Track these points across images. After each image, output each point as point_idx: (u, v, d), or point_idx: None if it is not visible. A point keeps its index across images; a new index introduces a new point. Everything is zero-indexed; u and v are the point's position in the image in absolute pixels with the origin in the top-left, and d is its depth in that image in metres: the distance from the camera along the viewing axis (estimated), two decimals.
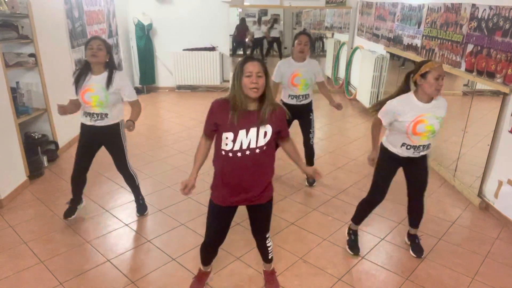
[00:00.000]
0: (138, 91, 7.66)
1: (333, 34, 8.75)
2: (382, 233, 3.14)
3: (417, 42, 4.89)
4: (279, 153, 4.76)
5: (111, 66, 2.90)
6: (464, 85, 4.43)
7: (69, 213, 3.23)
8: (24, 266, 2.67)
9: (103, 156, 3.19)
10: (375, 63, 6.00)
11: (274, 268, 2.53)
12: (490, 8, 3.43)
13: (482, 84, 3.60)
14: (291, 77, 3.53)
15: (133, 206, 3.46)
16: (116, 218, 3.30)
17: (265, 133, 1.97)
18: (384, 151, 2.66)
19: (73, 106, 2.97)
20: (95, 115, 2.91)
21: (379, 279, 2.61)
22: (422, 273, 2.66)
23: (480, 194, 3.59)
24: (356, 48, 7.27)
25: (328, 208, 3.50)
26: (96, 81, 2.85)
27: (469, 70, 3.77)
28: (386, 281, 2.59)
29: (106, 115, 2.93)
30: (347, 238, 2.96)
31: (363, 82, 6.63)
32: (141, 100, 7.34)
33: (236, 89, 1.91)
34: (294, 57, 3.57)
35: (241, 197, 2.06)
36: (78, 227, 3.16)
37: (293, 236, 3.08)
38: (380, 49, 6.10)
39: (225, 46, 7.71)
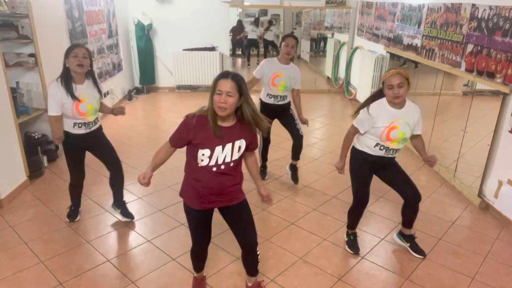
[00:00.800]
0: (138, 91, 7.68)
1: (333, 34, 8.75)
2: (382, 233, 3.14)
3: (417, 42, 4.89)
4: (279, 153, 4.76)
5: (91, 73, 2.93)
6: (464, 85, 4.43)
7: (73, 215, 3.25)
8: (24, 266, 2.67)
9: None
10: (375, 63, 6.01)
11: (261, 280, 2.47)
12: (490, 8, 3.43)
13: (482, 84, 3.60)
14: (273, 76, 3.58)
15: (133, 206, 3.46)
16: (116, 218, 3.30)
17: (239, 148, 1.99)
18: (356, 154, 2.70)
19: (59, 123, 2.85)
20: (91, 124, 2.94)
21: (379, 279, 2.61)
22: (422, 273, 2.66)
23: (480, 194, 3.59)
24: (356, 48, 7.27)
25: (328, 208, 3.50)
26: (83, 90, 2.83)
27: (469, 70, 3.78)
28: (386, 281, 2.60)
29: (97, 119, 3.02)
30: (346, 239, 2.96)
31: (363, 82, 6.63)
32: (141, 100, 7.33)
33: (209, 105, 1.91)
34: (280, 58, 3.61)
35: (213, 204, 2.08)
36: (78, 227, 3.16)
37: (293, 236, 3.08)
38: (380, 49, 6.11)
39: (225, 46, 7.70)
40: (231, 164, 2.00)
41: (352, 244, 2.91)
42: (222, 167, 1.98)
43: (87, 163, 4.41)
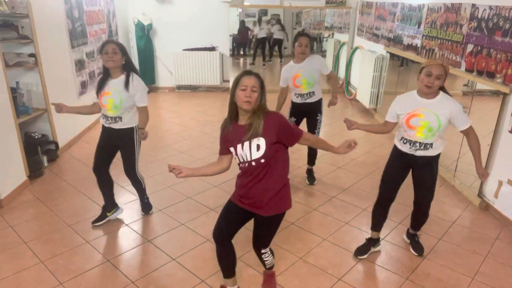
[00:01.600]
0: None
1: (333, 34, 8.75)
2: (382, 233, 3.12)
3: (417, 42, 4.89)
4: None
5: (128, 68, 2.90)
6: (464, 85, 4.42)
7: (97, 219, 3.19)
8: (24, 266, 2.67)
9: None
10: (375, 63, 6.00)
11: (275, 271, 2.52)
12: (490, 8, 3.43)
13: (482, 84, 3.60)
14: (293, 79, 3.62)
15: (133, 206, 3.46)
16: (116, 218, 3.30)
17: (258, 146, 1.97)
18: (393, 148, 2.69)
19: (86, 108, 3.10)
20: (109, 118, 2.94)
21: (379, 279, 2.61)
22: (422, 273, 2.66)
23: (480, 194, 3.59)
24: (356, 48, 7.27)
25: (328, 208, 3.50)
26: (113, 85, 2.86)
27: (469, 70, 3.77)
28: (386, 281, 2.59)
29: (120, 118, 2.93)
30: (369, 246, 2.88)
31: (363, 82, 6.63)
32: None
33: (230, 102, 2.01)
34: (296, 59, 3.64)
35: (246, 202, 2.10)
36: (78, 227, 3.16)
37: (293, 236, 3.08)
38: (380, 49, 6.10)
39: (225, 46, 7.70)
40: (253, 163, 2.00)
41: (363, 248, 2.84)
42: (246, 165, 2.03)
43: (86, 162, 4.42)
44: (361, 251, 2.84)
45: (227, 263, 2.26)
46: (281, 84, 3.72)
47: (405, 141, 2.52)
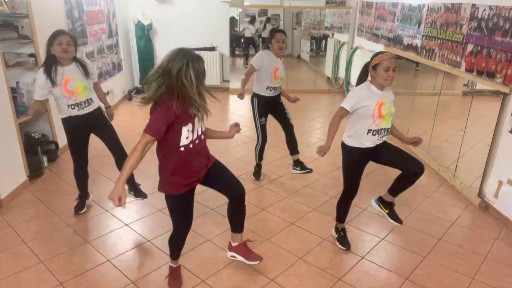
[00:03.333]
0: (138, 91, 7.67)
1: (333, 34, 8.75)
2: (382, 233, 3.14)
3: (417, 42, 4.89)
4: (279, 153, 4.76)
5: (77, 59, 2.98)
6: (464, 85, 4.43)
7: (79, 208, 3.31)
8: (24, 266, 2.67)
9: (103, 156, 3.20)
10: None
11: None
12: (490, 8, 3.43)
13: (482, 84, 3.60)
14: (274, 70, 3.64)
15: (133, 206, 3.46)
16: (116, 218, 3.30)
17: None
18: (348, 151, 2.73)
19: (40, 104, 2.95)
20: (83, 103, 2.98)
21: (379, 279, 2.61)
22: (422, 273, 2.66)
23: (480, 194, 3.59)
24: (356, 48, 7.27)
25: (328, 208, 3.50)
26: (71, 70, 2.91)
27: (469, 70, 3.78)
28: (386, 281, 2.60)
29: (91, 100, 3.04)
30: (336, 236, 2.98)
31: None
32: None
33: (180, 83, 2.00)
34: (275, 54, 3.65)
35: (199, 175, 2.22)
36: (78, 227, 3.16)
37: (293, 236, 3.08)
38: (380, 49, 6.10)
39: (225, 46, 7.70)
40: (202, 136, 2.19)
41: (343, 239, 2.93)
42: (202, 136, 2.16)
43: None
44: (347, 243, 2.92)
45: (181, 247, 2.45)
46: (255, 64, 3.64)
47: (374, 132, 2.62)
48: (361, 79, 2.68)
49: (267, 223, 3.24)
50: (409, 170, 2.68)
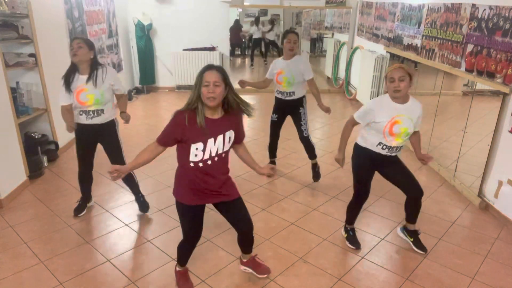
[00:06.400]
0: (138, 91, 7.68)
1: (333, 34, 8.75)
2: (382, 233, 3.14)
3: (417, 42, 4.89)
4: (279, 152, 4.74)
5: (94, 64, 2.93)
6: (464, 85, 4.43)
7: (79, 210, 3.30)
8: (24, 266, 2.67)
9: (103, 156, 3.20)
10: (375, 63, 6.01)
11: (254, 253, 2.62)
12: (490, 8, 3.43)
13: (482, 84, 3.60)
14: (276, 74, 3.70)
15: (133, 206, 3.46)
16: (116, 218, 3.30)
17: (229, 139, 2.10)
18: (359, 151, 2.72)
19: (69, 113, 2.97)
20: (91, 112, 2.95)
21: (379, 279, 2.61)
22: (422, 273, 2.66)
23: (480, 194, 3.59)
24: (356, 48, 7.27)
25: (328, 208, 3.50)
26: (84, 80, 2.89)
27: (469, 70, 3.77)
28: (386, 281, 2.59)
29: (102, 111, 2.98)
30: (345, 235, 2.99)
31: (363, 82, 6.63)
32: (141, 100, 7.34)
33: (195, 99, 1.98)
34: (284, 55, 3.69)
35: (207, 199, 2.18)
36: (78, 227, 3.16)
37: (293, 236, 3.08)
38: (380, 49, 6.10)
39: (225, 46, 7.70)
40: (223, 155, 2.10)
41: (353, 239, 2.94)
42: (216, 158, 2.07)
43: None
44: (357, 242, 2.92)
45: (189, 255, 2.44)
46: (267, 75, 3.86)
47: (384, 147, 2.60)
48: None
49: (267, 223, 3.24)
50: (408, 193, 2.74)
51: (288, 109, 3.82)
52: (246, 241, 2.46)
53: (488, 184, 3.50)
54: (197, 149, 2.01)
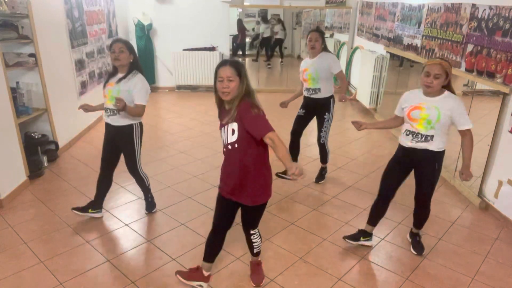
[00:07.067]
0: None
1: (333, 34, 8.75)
2: (382, 233, 3.14)
3: (417, 42, 4.89)
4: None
5: (133, 67, 2.93)
6: (464, 85, 4.42)
7: (79, 209, 3.22)
8: (24, 266, 2.67)
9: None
10: (375, 63, 6.00)
11: (261, 260, 2.61)
12: (490, 8, 3.43)
13: (482, 84, 3.60)
14: (302, 72, 3.74)
15: (133, 206, 3.46)
16: (116, 218, 3.30)
17: (233, 131, 2.09)
18: (397, 147, 2.75)
19: (100, 107, 3.15)
20: (108, 110, 2.97)
21: (379, 279, 2.61)
22: (422, 273, 2.66)
23: (480, 194, 3.59)
24: (356, 48, 7.27)
25: (328, 208, 3.50)
26: (117, 78, 2.94)
27: (469, 70, 3.77)
28: (386, 281, 2.59)
29: (117, 111, 2.92)
30: (363, 240, 2.96)
31: (363, 82, 6.63)
32: None
33: (215, 92, 2.13)
34: (310, 55, 3.74)
35: (227, 189, 2.22)
36: (78, 227, 3.16)
37: (293, 236, 3.08)
38: (380, 49, 6.10)
39: (225, 46, 7.70)
40: (229, 147, 2.12)
41: (355, 236, 2.93)
42: (229, 147, 2.13)
43: (86, 162, 4.42)
44: (351, 237, 2.92)
45: (214, 250, 2.41)
46: (300, 77, 3.87)
47: (408, 132, 2.60)
48: None
49: (267, 223, 3.24)
50: (416, 199, 2.75)
51: (314, 108, 3.81)
52: (247, 241, 2.47)
53: (488, 184, 3.50)
54: (221, 134, 2.18)
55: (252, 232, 2.40)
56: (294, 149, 3.96)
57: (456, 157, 3.95)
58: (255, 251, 2.49)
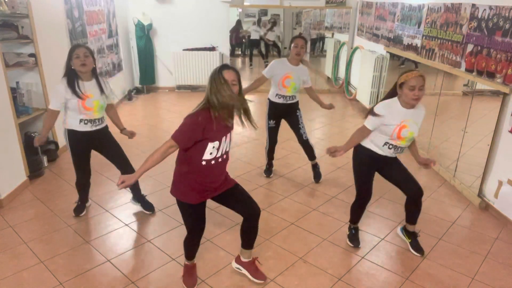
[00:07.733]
0: (138, 91, 7.68)
1: (333, 34, 8.75)
2: (382, 233, 3.14)
3: (417, 42, 4.89)
4: (279, 153, 4.75)
5: (96, 72, 2.99)
6: (464, 85, 4.43)
7: (79, 210, 3.30)
8: (24, 266, 2.67)
9: (102, 156, 3.19)
10: (375, 63, 6.01)
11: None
12: (490, 8, 3.43)
13: (482, 84, 3.60)
14: (283, 78, 3.62)
15: (133, 206, 3.46)
16: (116, 218, 3.30)
17: (230, 137, 2.20)
18: (361, 151, 2.73)
19: (53, 120, 2.96)
20: (96, 121, 2.99)
21: (379, 279, 2.61)
22: (422, 273, 2.66)
23: (480, 194, 3.59)
24: (356, 48, 7.27)
25: (328, 208, 3.50)
26: (91, 87, 2.92)
27: (469, 70, 3.78)
28: (386, 281, 2.60)
29: (103, 118, 3.07)
30: (348, 233, 3.01)
31: (363, 82, 6.63)
32: (141, 100, 7.35)
33: (216, 97, 2.03)
34: (290, 59, 3.65)
35: (214, 193, 2.27)
36: (78, 227, 3.16)
37: (293, 236, 3.08)
38: (380, 49, 6.10)
39: (225, 46, 7.70)
40: (228, 150, 2.23)
41: (353, 237, 2.96)
42: (225, 156, 2.19)
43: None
44: (356, 240, 2.94)
45: (196, 249, 2.47)
46: (265, 74, 3.68)
47: (390, 146, 2.62)
48: (388, 95, 2.64)
49: (267, 223, 3.24)
50: (408, 193, 2.75)
51: (286, 113, 3.81)
52: (251, 229, 2.40)
53: (488, 184, 3.51)
54: (213, 147, 2.09)
55: (260, 211, 2.36)
56: (273, 153, 4.07)
57: (456, 157, 3.95)
58: (253, 245, 2.49)
